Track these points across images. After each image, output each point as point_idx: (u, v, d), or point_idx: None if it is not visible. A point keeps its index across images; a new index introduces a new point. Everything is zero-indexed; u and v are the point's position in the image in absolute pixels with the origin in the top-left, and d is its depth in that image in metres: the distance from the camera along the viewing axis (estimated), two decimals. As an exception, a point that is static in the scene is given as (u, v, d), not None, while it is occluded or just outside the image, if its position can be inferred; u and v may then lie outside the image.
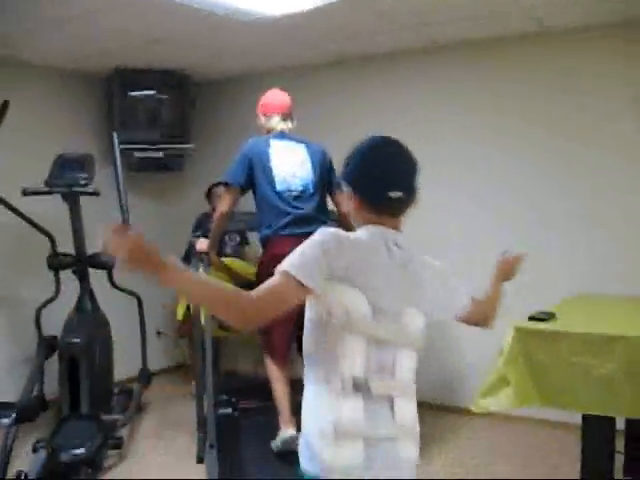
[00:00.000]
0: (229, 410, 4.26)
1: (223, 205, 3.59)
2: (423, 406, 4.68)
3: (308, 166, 3.60)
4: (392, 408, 1.74)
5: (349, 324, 1.65)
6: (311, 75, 5.00)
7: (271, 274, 1.62)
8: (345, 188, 1.80)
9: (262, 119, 3.73)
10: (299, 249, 1.64)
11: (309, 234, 1.68)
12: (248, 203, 3.74)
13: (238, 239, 5.26)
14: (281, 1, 3.53)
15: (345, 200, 1.93)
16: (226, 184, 3.62)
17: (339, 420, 1.66)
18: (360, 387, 1.68)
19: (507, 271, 2.32)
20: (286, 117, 3.70)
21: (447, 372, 4.58)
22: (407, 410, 1.80)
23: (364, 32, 4.12)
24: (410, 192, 1.77)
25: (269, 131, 3.68)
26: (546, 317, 2.70)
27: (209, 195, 5.28)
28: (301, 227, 3.33)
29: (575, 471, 2.75)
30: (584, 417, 2.61)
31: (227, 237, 5.16)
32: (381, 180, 1.74)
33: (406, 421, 1.79)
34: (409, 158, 1.79)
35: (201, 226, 5.15)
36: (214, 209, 5.14)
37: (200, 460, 3.69)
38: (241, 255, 5.18)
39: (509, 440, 4.04)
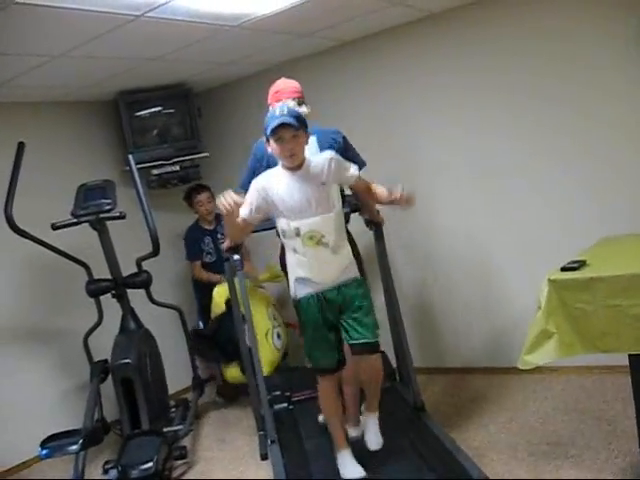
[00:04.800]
0: (284, 404, 4.35)
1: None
2: (470, 371, 4.77)
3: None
4: None
5: None
6: (311, 64, 5.02)
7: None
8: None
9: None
10: None
11: None
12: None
13: None
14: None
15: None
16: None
17: None
18: None
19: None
20: (301, 102, 3.59)
21: (490, 335, 4.63)
22: None
23: (356, 13, 4.13)
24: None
25: None
26: (578, 266, 2.71)
27: (189, 199, 5.22)
28: None
29: (630, 410, 2.80)
30: (630, 357, 2.64)
31: (220, 236, 5.11)
32: None
33: None
34: None
35: (197, 242, 5.17)
36: (197, 213, 5.23)
37: (264, 457, 3.78)
38: None
39: (562, 391, 4.07)
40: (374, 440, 3.20)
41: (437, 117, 4.61)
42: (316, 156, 3.12)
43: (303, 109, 3.57)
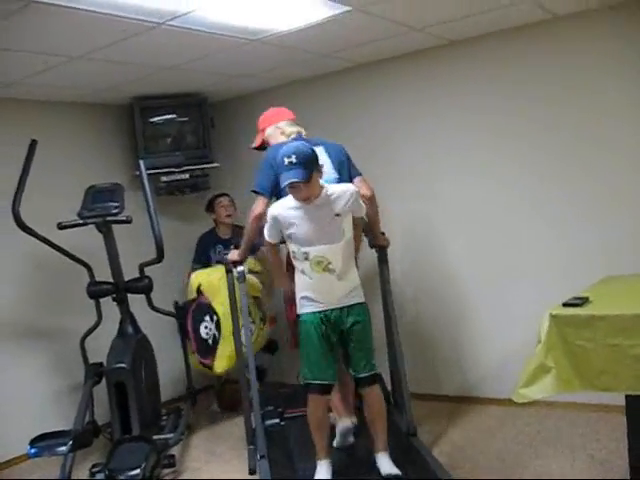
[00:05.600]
0: (276, 420, 4.33)
1: (258, 208, 3.56)
2: (465, 400, 4.73)
3: (329, 166, 3.60)
4: None
5: None
6: (324, 84, 5.05)
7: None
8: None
9: (269, 130, 3.83)
10: None
11: None
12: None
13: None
14: (287, 16, 3.60)
15: (365, 185, 3.58)
16: (257, 192, 3.63)
17: None
18: None
19: None
20: (293, 123, 3.79)
21: (486, 365, 4.61)
22: None
23: (373, 38, 4.16)
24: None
25: (288, 135, 3.70)
26: (580, 302, 2.71)
27: (210, 207, 5.29)
28: None
29: (623, 450, 2.78)
30: (627, 397, 2.63)
31: (222, 246, 5.12)
32: None
33: None
34: None
35: (207, 248, 5.21)
36: (215, 221, 5.28)
37: (252, 471, 3.76)
38: None
39: (555, 427, 4.04)
40: (392, 473, 3.31)
41: (444, 139, 4.64)
42: (337, 186, 3.22)
43: (301, 128, 3.72)
